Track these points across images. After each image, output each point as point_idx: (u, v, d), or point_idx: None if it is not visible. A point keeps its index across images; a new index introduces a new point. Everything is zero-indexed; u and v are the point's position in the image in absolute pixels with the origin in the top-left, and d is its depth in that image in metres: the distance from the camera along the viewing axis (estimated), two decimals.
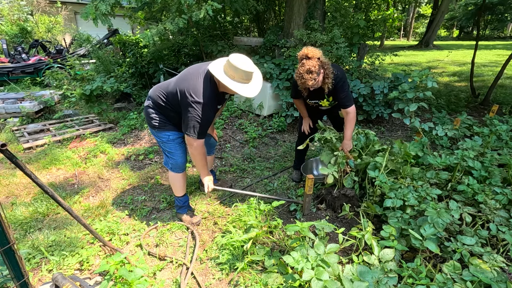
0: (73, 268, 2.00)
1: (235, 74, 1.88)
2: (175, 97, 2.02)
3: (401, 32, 32.02)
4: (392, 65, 10.25)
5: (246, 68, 1.87)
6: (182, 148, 2.32)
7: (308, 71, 2.06)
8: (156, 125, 2.18)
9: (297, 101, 2.69)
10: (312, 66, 2.05)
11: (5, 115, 4.91)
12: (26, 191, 2.97)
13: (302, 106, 2.74)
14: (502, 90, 6.57)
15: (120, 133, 4.37)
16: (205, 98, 1.90)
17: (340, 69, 2.35)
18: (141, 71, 5.67)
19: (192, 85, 1.93)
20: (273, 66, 4.70)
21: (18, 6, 13.25)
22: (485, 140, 2.92)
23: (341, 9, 5.16)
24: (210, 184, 2.21)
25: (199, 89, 1.91)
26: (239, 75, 1.88)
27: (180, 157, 2.31)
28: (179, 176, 2.37)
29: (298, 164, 3.07)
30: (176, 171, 2.34)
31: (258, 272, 1.92)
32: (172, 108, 2.11)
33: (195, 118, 1.93)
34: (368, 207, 2.26)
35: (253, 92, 1.96)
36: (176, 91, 2.00)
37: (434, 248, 1.68)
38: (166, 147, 2.27)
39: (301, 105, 2.73)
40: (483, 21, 25.10)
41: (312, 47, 2.13)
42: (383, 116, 4.42)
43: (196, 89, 1.91)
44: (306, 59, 2.10)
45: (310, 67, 2.05)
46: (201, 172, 2.22)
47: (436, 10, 17.55)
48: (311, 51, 2.09)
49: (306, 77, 2.07)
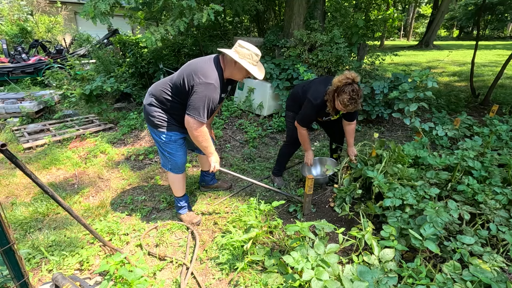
0: (73, 268, 2.00)
1: (246, 56, 1.97)
2: (181, 86, 2.01)
3: (401, 32, 32.03)
4: (392, 65, 10.25)
5: (256, 51, 2.00)
6: (183, 149, 2.31)
7: (360, 96, 2.16)
8: (158, 124, 2.15)
9: (306, 131, 2.60)
10: (360, 90, 2.16)
11: (5, 115, 4.91)
12: (26, 191, 2.97)
13: (308, 137, 2.66)
14: (502, 90, 6.57)
15: (120, 133, 4.37)
16: (213, 80, 1.94)
17: None
18: (141, 71, 5.67)
19: (200, 67, 1.97)
20: (273, 66, 4.70)
21: (18, 6, 13.24)
22: (485, 140, 2.92)
23: (341, 9, 5.16)
24: (217, 165, 2.19)
25: (207, 71, 1.94)
26: (250, 57, 1.98)
27: (181, 158, 2.30)
28: (179, 177, 2.37)
29: (279, 171, 3.02)
30: (176, 172, 2.33)
31: (258, 272, 1.92)
32: (178, 100, 2.08)
33: (202, 98, 1.92)
34: (368, 207, 2.26)
35: (262, 74, 2.08)
36: (182, 79, 1.99)
37: (434, 248, 1.68)
38: (166, 148, 2.24)
39: (307, 136, 2.65)
40: (483, 21, 25.10)
41: (353, 72, 2.17)
42: (383, 116, 4.42)
43: (204, 71, 1.95)
44: (355, 83, 2.15)
45: (360, 92, 2.14)
46: (207, 152, 2.16)
47: (436, 10, 17.56)
48: (356, 76, 2.14)
49: (359, 101, 2.17)
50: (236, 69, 2.03)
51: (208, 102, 1.94)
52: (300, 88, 2.63)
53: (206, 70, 1.95)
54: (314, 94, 2.34)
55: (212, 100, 1.96)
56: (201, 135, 2.03)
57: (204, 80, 1.91)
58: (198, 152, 2.69)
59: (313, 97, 2.33)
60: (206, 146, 2.11)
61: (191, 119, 1.96)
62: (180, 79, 2.01)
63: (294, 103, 2.67)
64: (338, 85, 2.16)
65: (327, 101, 2.29)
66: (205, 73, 1.94)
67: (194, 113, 1.94)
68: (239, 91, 5.11)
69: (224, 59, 2.05)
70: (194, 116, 1.94)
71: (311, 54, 4.73)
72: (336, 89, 2.19)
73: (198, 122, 1.96)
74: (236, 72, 2.05)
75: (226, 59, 2.04)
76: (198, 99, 1.92)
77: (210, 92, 1.92)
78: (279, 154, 2.97)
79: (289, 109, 2.74)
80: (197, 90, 1.92)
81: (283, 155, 2.95)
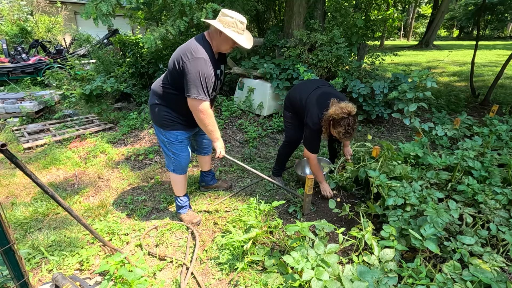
0: (73, 268, 2.00)
1: (231, 24, 1.89)
2: (173, 72, 1.96)
3: (401, 32, 32.04)
4: (392, 65, 10.25)
5: (240, 18, 1.91)
6: (188, 151, 2.31)
7: (355, 128, 2.22)
8: (165, 123, 2.12)
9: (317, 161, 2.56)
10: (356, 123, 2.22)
11: (5, 115, 4.91)
12: (26, 191, 2.97)
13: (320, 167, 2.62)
14: (502, 90, 6.57)
15: (120, 133, 4.37)
16: (202, 54, 1.87)
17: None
18: (141, 71, 5.67)
19: (187, 47, 1.92)
20: (273, 66, 4.70)
21: (18, 6, 13.24)
22: (485, 140, 2.92)
23: (341, 9, 5.16)
24: (222, 151, 2.16)
25: (194, 48, 1.89)
26: (235, 25, 1.89)
27: (185, 159, 2.29)
28: (181, 177, 2.37)
29: (279, 171, 3.02)
30: (179, 172, 2.33)
31: (258, 272, 1.92)
32: (176, 92, 2.03)
33: (196, 75, 1.85)
34: (368, 207, 2.26)
35: (250, 43, 1.99)
36: (172, 65, 1.96)
37: (434, 248, 1.68)
38: (171, 148, 2.22)
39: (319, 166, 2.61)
40: (483, 21, 25.09)
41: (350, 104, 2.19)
42: (383, 116, 4.42)
43: (191, 48, 1.89)
44: (351, 117, 2.17)
45: (355, 125, 2.20)
46: (212, 137, 2.11)
47: (436, 10, 17.56)
48: (352, 109, 2.17)
49: (354, 133, 2.23)
50: (222, 40, 1.94)
51: (204, 78, 1.87)
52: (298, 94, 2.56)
53: (193, 48, 1.90)
54: (311, 119, 2.33)
55: (206, 75, 1.88)
56: (207, 116, 1.96)
57: (194, 55, 1.86)
58: (198, 153, 2.69)
59: (312, 123, 2.33)
60: (212, 130, 2.06)
61: (192, 100, 1.90)
62: (171, 66, 1.97)
63: (290, 105, 2.66)
64: (335, 117, 2.16)
65: (322, 126, 2.30)
66: (192, 50, 1.88)
67: (193, 93, 1.88)
68: (239, 91, 5.11)
69: (210, 33, 1.98)
70: (193, 96, 1.88)
71: (311, 54, 4.73)
72: (332, 119, 2.20)
73: (199, 101, 1.90)
74: (222, 43, 1.96)
75: (211, 31, 1.96)
76: (192, 77, 1.86)
77: (201, 66, 1.86)
78: (277, 154, 2.97)
79: (287, 109, 2.74)
80: (188, 68, 1.86)
81: (282, 155, 2.95)
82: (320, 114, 2.28)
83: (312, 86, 2.54)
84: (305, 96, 2.48)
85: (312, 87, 2.53)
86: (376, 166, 2.46)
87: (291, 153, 2.98)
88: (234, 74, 5.44)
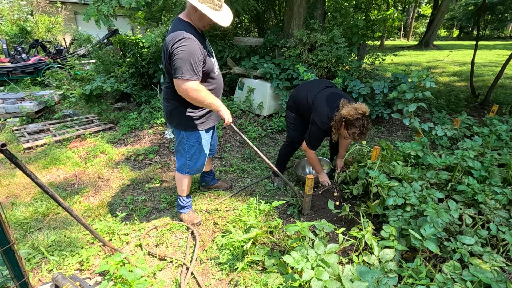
0: (73, 268, 2.00)
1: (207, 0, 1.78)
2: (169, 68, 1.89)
3: (401, 32, 32.04)
4: (392, 65, 10.25)
5: None
6: (206, 155, 2.31)
7: (369, 128, 2.22)
8: (189, 123, 2.08)
9: (315, 154, 2.61)
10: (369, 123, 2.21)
11: (5, 115, 4.91)
12: (26, 191, 2.97)
13: (317, 159, 2.67)
14: (502, 90, 6.57)
15: (120, 133, 4.37)
16: (185, 34, 1.78)
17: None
18: (141, 71, 5.67)
19: (169, 35, 1.84)
20: (273, 66, 4.70)
21: (18, 6, 13.25)
22: (485, 140, 2.92)
23: (341, 9, 5.16)
24: (230, 118, 2.04)
25: (175, 32, 1.81)
26: (211, 1, 1.78)
27: (201, 162, 2.30)
28: (188, 178, 2.38)
29: (279, 171, 2.96)
30: (190, 173, 2.33)
31: (258, 272, 1.92)
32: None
33: (181, 54, 1.75)
34: (368, 207, 2.26)
35: (227, 20, 1.87)
36: (164, 58, 1.90)
37: (434, 248, 1.68)
38: (191, 150, 2.20)
39: (317, 158, 2.65)
40: (483, 21, 25.10)
41: (364, 105, 2.18)
42: (383, 116, 4.42)
43: (173, 33, 1.81)
44: (365, 118, 2.17)
45: (369, 125, 2.19)
46: (214, 108, 1.98)
47: (436, 10, 17.55)
48: (367, 110, 2.16)
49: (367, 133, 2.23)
50: (197, 16, 1.84)
51: (191, 57, 1.77)
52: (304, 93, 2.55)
53: (174, 31, 1.82)
54: (320, 119, 2.31)
55: (192, 53, 1.77)
56: (198, 94, 1.84)
57: (176, 38, 1.77)
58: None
59: (320, 122, 2.31)
60: (210, 102, 1.92)
61: (176, 82, 1.80)
62: (165, 64, 1.94)
63: (295, 105, 2.66)
64: (349, 118, 2.14)
65: (332, 127, 2.28)
66: (173, 34, 1.80)
67: (177, 73, 1.77)
68: (239, 91, 5.11)
69: (188, 11, 1.89)
70: (177, 76, 1.77)
71: (311, 54, 4.73)
72: (346, 120, 2.18)
73: (183, 80, 1.78)
74: (198, 20, 1.86)
75: (188, 8, 1.87)
76: (177, 58, 1.76)
77: (186, 45, 1.76)
78: (279, 154, 2.97)
79: (290, 109, 2.73)
80: (174, 51, 1.77)
81: (283, 155, 2.94)
82: (331, 114, 2.26)
83: (319, 86, 2.54)
84: (312, 95, 2.47)
85: (319, 86, 2.53)
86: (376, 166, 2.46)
87: (293, 153, 2.98)
88: (234, 74, 5.44)
